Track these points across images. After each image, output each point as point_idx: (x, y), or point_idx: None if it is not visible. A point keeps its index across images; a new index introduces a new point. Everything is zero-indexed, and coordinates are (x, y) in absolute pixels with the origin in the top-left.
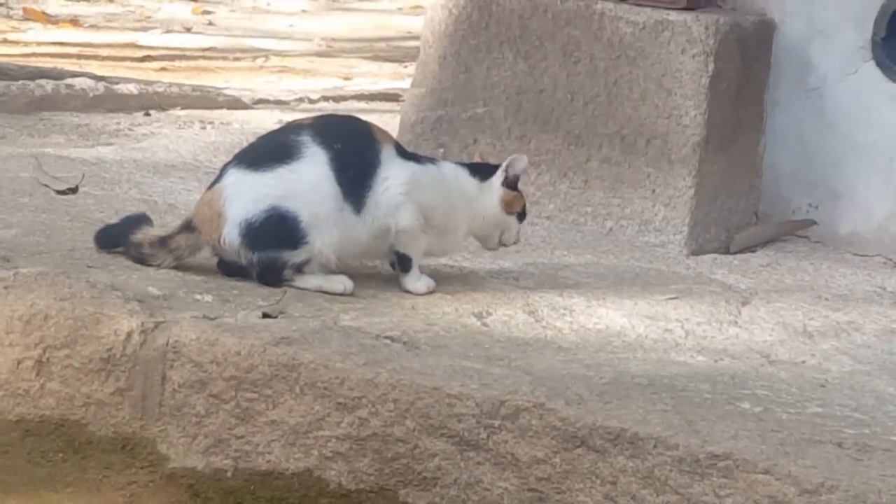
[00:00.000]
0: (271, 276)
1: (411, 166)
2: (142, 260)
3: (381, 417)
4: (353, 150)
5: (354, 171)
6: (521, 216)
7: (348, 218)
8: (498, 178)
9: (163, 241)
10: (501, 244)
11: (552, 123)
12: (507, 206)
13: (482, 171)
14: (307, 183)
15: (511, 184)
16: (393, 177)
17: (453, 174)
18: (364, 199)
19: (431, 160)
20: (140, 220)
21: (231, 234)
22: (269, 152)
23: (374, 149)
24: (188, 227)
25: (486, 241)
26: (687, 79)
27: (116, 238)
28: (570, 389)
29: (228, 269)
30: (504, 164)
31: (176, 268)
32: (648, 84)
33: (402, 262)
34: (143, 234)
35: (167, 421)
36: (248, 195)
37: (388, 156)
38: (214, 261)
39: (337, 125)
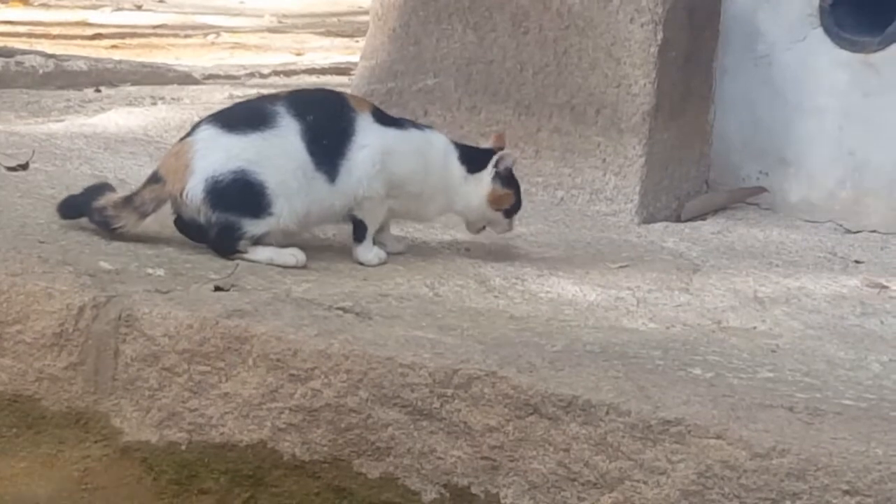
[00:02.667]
0: (226, 241)
1: (390, 132)
2: (105, 223)
3: (333, 388)
4: (326, 120)
5: (328, 140)
6: (510, 212)
7: (320, 187)
8: (488, 173)
9: (127, 200)
10: (491, 230)
11: (502, 94)
12: (495, 203)
13: (474, 158)
14: (277, 152)
15: (503, 178)
16: (369, 144)
17: (442, 149)
18: (338, 168)
19: (418, 126)
20: (103, 188)
21: (195, 189)
22: (244, 118)
23: (348, 117)
24: (154, 178)
25: (469, 227)
26: (636, 48)
27: (79, 207)
28: (523, 358)
29: (186, 228)
30: (493, 160)
31: (128, 241)
32: (598, 53)
33: (358, 230)
34: (106, 199)
35: (120, 395)
36: (219, 153)
37: (364, 123)
38: (166, 235)
39: (311, 97)
